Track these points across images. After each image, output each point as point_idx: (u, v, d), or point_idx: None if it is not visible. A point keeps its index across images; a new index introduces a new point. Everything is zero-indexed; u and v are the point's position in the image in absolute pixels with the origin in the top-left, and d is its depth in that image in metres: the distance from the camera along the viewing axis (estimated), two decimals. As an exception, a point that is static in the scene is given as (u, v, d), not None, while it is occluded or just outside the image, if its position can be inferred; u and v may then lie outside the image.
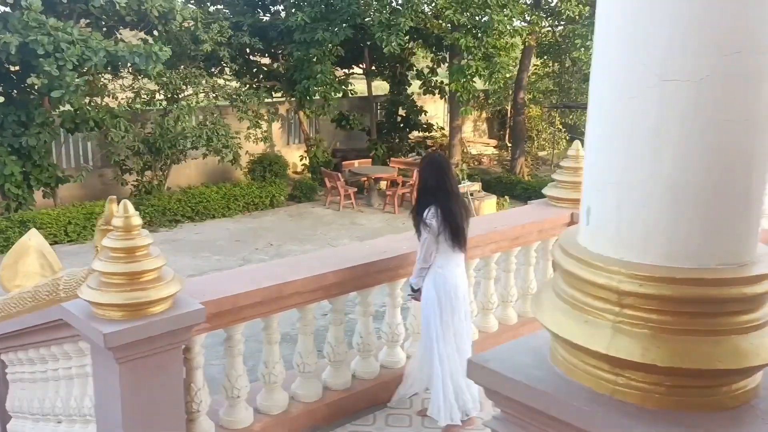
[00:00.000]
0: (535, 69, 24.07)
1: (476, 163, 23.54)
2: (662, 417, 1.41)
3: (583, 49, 16.80)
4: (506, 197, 17.64)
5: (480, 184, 18.15)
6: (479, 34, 15.46)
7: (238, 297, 3.83)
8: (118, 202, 3.93)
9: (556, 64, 23.98)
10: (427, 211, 4.33)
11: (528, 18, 17.16)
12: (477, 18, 15.23)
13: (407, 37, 16.06)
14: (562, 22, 21.26)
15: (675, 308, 1.41)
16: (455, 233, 4.32)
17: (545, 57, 23.81)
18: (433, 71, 22.74)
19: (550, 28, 21.74)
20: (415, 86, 23.09)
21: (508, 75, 17.49)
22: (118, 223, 3.45)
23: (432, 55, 22.53)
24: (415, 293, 4.47)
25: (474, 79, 15.73)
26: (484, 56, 15.58)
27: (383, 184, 19.41)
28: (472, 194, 17.32)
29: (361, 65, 22.04)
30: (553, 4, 18.77)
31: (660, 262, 1.43)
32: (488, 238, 5.15)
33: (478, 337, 5.27)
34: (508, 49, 16.08)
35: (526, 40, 17.63)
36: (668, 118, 1.39)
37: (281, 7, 20.01)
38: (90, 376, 4.07)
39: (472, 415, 4.34)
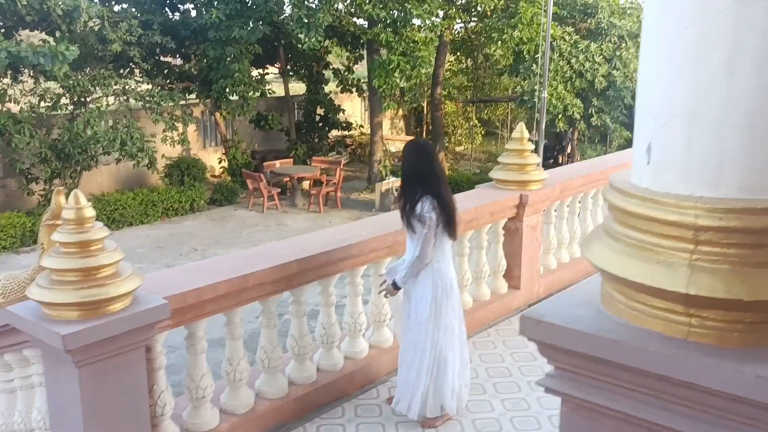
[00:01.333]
0: (450, 65, 24.38)
1: (397, 160, 23.61)
2: (744, 354, 1.37)
3: (500, 42, 17.08)
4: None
5: (404, 179, 18.19)
6: (399, 29, 15.49)
7: (202, 290, 3.60)
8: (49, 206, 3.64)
9: (469, 60, 24.38)
10: (420, 203, 3.99)
11: (443, 13, 17.33)
12: (396, 13, 15.24)
13: (323, 36, 15.88)
14: (474, 18, 21.64)
15: (756, 240, 1.37)
16: (451, 222, 4.08)
17: (458, 53, 24.16)
18: (349, 69, 22.66)
19: (463, 24, 22.06)
20: (332, 85, 22.92)
21: (429, 69, 17.61)
22: (69, 215, 3.17)
23: (348, 53, 22.45)
24: (395, 289, 4.20)
25: (395, 74, 15.74)
26: (404, 51, 15.61)
27: (306, 184, 19.16)
28: (396, 190, 17.37)
29: (276, 65, 21.68)
30: (464, 1, 19.05)
31: (736, 195, 1.38)
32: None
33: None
34: (428, 43, 16.19)
35: (443, 34, 17.80)
36: (744, 43, 1.34)
37: (191, 6, 19.40)
38: (36, 387, 3.74)
39: (446, 411, 4.23)
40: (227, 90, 17.46)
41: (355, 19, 21.03)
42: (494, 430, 4.15)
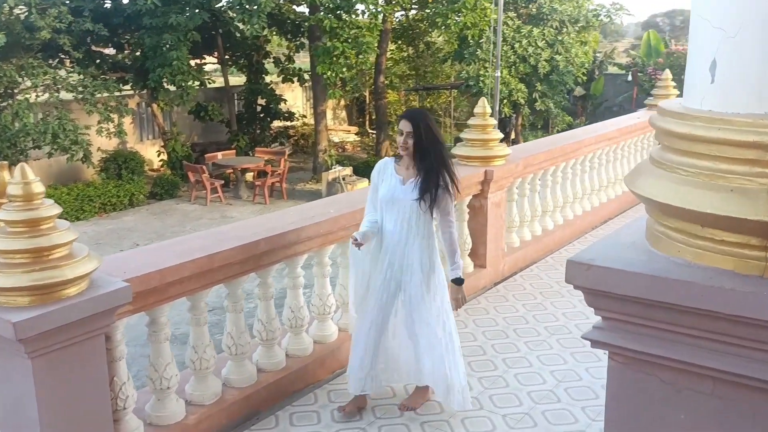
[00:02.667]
0: (391, 54, 24.23)
1: (340, 150, 23.35)
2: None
3: (444, 28, 16.99)
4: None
5: (351, 168, 17.98)
6: (343, 15, 15.22)
7: (165, 272, 3.32)
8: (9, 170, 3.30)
9: (410, 48, 24.29)
10: (440, 175, 3.77)
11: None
12: (338, -1, 14.96)
13: (265, 22, 15.45)
14: (415, 5, 21.53)
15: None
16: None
17: (400, 41, 24.04)
18: (290, 59, 22.24)
19: (404, 12, 21.93)
20: (273, 75, 22.45)
21: (373, 56, 17.39)
22: (15, 191, 2.85)
23: (288, 42, 22.02)
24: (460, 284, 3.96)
25: (340, 61, 15.46)
26: (348, 38, 15.34)
27: (250, 176, 18.71)
28: (344, 178, 17.13)
29: (214, 55, 21.07)
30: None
31: (818, 110, 1.24)
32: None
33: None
34: (372, 29, 15.98)
35: (387, 19, 17.60)
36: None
37: (124, -8, 18.64)
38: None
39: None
40: (165, 80, 16.83)
41: (295, 6, 20.66)
42: (474, 409, 4.01)
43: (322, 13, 15.52)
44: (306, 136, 24.14)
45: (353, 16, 15.70)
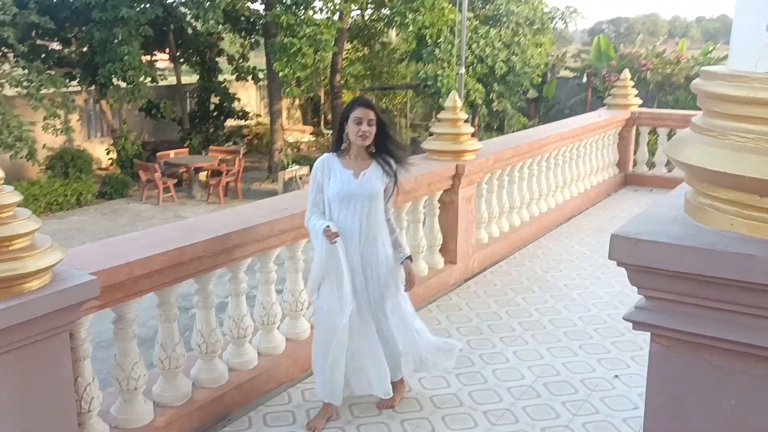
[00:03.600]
0: (347, 53, 24.06)
1: (296, 150, 23.08)
2: None
3: (401, 26, 16.90)
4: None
5: (308, 167, 17.75)
6: (300, 12, 14.99)
7: (134, 265, 3.11)
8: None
9: (366, 48, 24.15)
10: (402, 163, 3.75)
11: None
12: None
13: (222, 17, 15.10)
14: (371, 5, 21.42)
15: None
16: None
17: (355, 41, 23.88)
18: (243, 57, 21.89)
19: (360, 11, 21.79)
20: (226, 73, 22.03)
21: (330, 54, 17.17)
22: (-29, 175, 2.63)
23: (242, 40, 21.66)
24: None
25: (297, 58, 15.21)
26: (304, 35, 15.12)
27: (203, 175, 18.30)
28: (300, 178, 16.91)
29: (166, 51, 20.57)
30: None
31: None
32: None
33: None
34: (330, 26, 15.78)
35: (345, 15, 17.42)
36: None
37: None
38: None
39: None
40: (115, 75, 16.31)
41: (249, 3, 20.33)
42: (454, 406, 3.91)
43: (278, 10, 15.27)
44: (260, 136, 23.78)
45: (311, 13, 15.49)
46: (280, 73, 15.92)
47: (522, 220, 7.00)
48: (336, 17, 16.54)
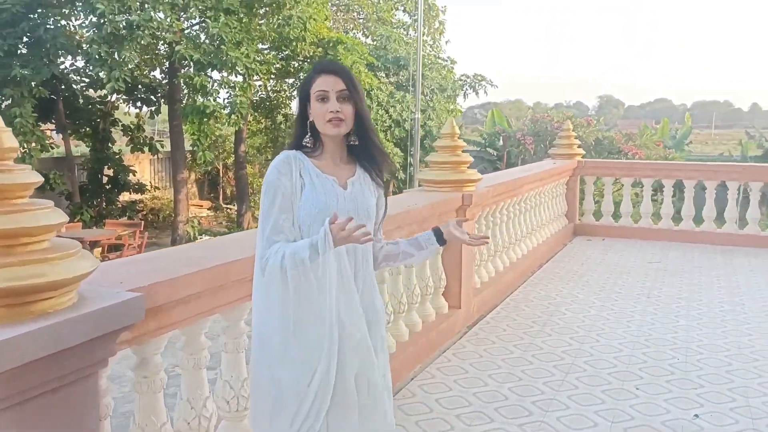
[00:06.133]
0: (248, 126, 23.41)
1: (198, 224, 21.82)
2: None
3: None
4: (249, 250, 16.34)
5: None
6: (216, 72, 14.28)
7: (178, 283, 2.28)
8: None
9: (268, 119, 23.60)
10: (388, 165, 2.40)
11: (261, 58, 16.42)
12: (211, 55, 13.98)
13: (129, 75, 14.11)
14: (273, 76, 21.04)
15: None
16: None
17: (257, 113, 23.32)
18: (139, 127, 20.70)
19: (261, 82, 21.33)
20: (121, 144, 20.70)
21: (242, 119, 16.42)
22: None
23: (138, 109, 20.53)
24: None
25: (211, 122, 14.38)
26: (215, 97, 14.36)
27: (98, 252, 16.66)
28: (212, 249, 15.72)
29: (52, 120, 19.04)
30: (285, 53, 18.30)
31: None
32: (409, 216, 4.16)
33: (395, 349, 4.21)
34: (246, 88, 15.12)
35: (261, 78, 16.82)
36: None
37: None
38: None
39: None
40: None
41: (149, 71, 19.41)
42: (537, 461, 3.21)
43: (190, 71, 14.49)
44: (156, 211, 22.36)
45: (231, 74, 14.79)
46: (192, 138, 14.97)
47: (504, 265, 6.51)
48: (252, 79, 15.92)
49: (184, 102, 15.78)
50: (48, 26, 14.67)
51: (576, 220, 9.46)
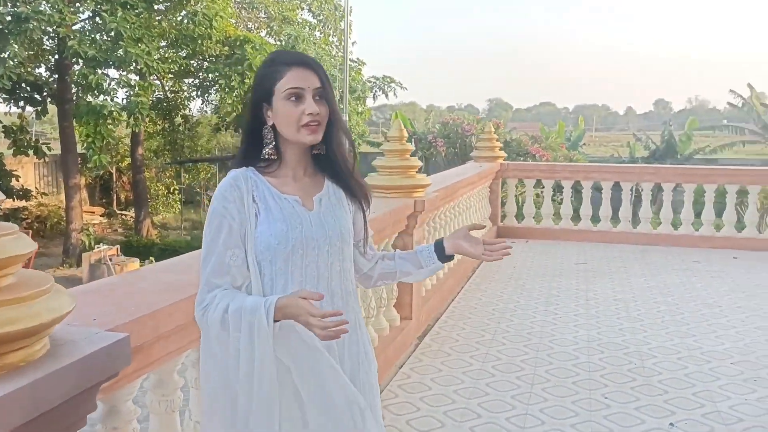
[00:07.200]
0: (145, 128, 22.28)
1: (93, 232, 20.49)
2: None
3: (227, 90, 15.74)
4: (152, 259, 15.48)
5: (118, 247, 15.64)
6: (113, 69, 13.36)
7: (159, 315, 1.90)
8: None
9: (165, 121, 22.55)
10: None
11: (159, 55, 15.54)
12: (107, 51, 13.05)
13: (16, 74, 12.96)
14: (170, 76, 20.11)
15: None
16: None
17: (153, 114, 22.22)
18: (22, 129, 19.19)
19: (159, 82, 20.33)
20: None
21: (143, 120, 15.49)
22: None
23: (21, 110, 19.02)
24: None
25: (108, 122, 13.43)
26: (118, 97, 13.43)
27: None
28: (111, 259, 14.76)
29: None
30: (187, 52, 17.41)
31: None
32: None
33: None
34: (146, 88, 14.24)
35: (162, 78, 15.95)
36: None
37: None
38: None
39: None
40: None
41: (33, 66, 18.01)
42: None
43: (85, 69, 13.47)
44: (43, 218, 20.84)
45: (124, 73, 13.91)
46: (86, 140, 13.94)
47: (443, 272, 6.33)
48: (151, 79, 15.04)
49: (75, 101, 14.69)
50: None
51: (499, 222, 9.47)
